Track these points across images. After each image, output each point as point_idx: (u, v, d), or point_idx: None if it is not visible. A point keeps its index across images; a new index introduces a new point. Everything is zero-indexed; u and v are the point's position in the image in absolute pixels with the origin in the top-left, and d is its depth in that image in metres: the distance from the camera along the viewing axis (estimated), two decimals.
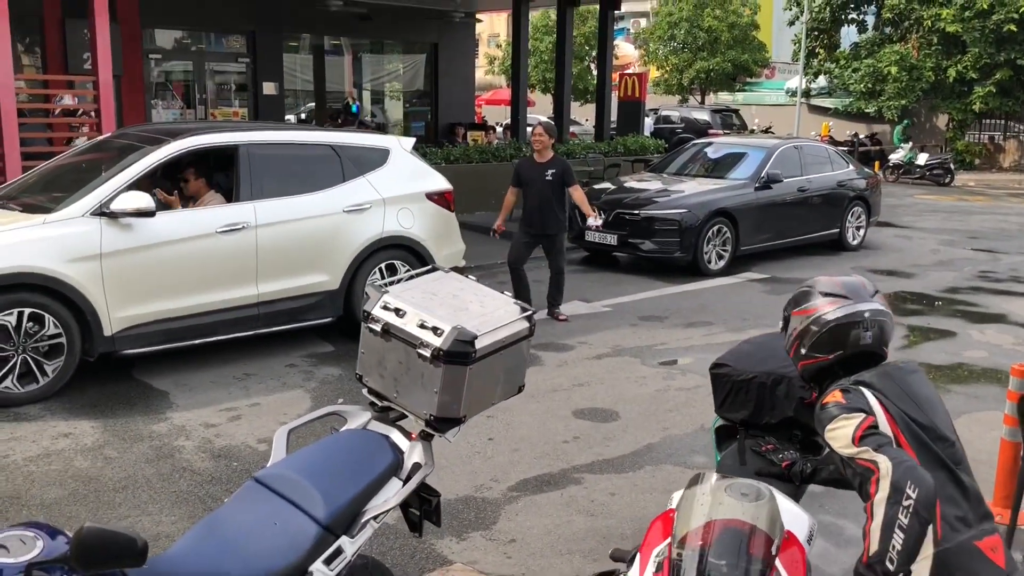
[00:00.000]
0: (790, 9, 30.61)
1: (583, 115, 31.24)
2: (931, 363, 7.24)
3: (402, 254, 7.60)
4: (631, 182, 12.06)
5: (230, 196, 6.88)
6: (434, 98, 20.12)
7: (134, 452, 5.20)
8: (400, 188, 7.67)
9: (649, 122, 24.32)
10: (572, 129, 21.06)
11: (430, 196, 7.89)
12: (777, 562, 2.14)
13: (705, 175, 12.16)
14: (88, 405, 5.91)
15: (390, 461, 2.62)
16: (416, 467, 2.63)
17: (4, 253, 5.75)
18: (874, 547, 2.20)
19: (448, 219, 8.03)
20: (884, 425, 2.38)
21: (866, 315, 2.62)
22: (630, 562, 2.36)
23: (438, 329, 2.62)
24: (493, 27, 47.93)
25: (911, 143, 25.30)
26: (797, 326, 2.69)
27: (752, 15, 34.79)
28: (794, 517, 2.39)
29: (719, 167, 12.32)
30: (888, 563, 2.16)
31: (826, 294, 2.67)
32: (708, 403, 4.55)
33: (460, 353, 2.59)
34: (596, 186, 12.19)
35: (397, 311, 2.70)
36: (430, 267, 3.06)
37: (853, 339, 2.61)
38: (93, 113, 9.67)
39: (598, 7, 18.15)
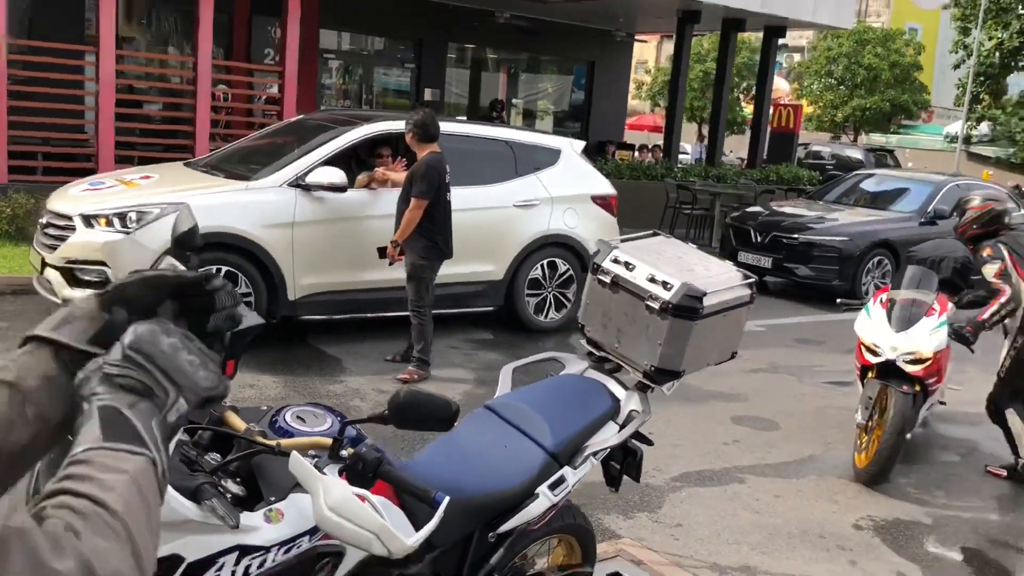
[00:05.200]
0: (956, 52, 29.48)
1: (727, 146, 30.87)
2: None
3: (564, 252, 7.77)
4: (786, 207, 11.88)
5: None
6: (586, 115, 20.32)
7: None
8: (568, 188, 7.85)
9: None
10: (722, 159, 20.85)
11: (595, 199, 8.04)
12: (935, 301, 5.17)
13: (864, 206, 11.87)
14: (270, 363, 6.29)
15: (609, 405, 2.73)
16: (633, 414, 2.73)
17: (211, 213, 6.21)
18: (986, 316, 4.90)
19: (610, 223, 8.13)
20: (1010, 266, 4.98)
21: (1011, 209, 5.40)
22: None
23: (668, 284, 2.72)
24: (642, 54, 47.90)
25: None
26: (975, 214, 5.21)
27: (915, 55, 33.66)
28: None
29: (880, 199, 12.00)
30: (986, 323, 4.90)
31: (988, 198, 5.33)
32: None
33: (688, 308, 2.68)
34: (749, 209, 12.08)
35: (627, 265, 2.82)
36: (651, 231, 3.17)
37: (1004, 219, 5.25)
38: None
39: (759, 35, 18.01)
